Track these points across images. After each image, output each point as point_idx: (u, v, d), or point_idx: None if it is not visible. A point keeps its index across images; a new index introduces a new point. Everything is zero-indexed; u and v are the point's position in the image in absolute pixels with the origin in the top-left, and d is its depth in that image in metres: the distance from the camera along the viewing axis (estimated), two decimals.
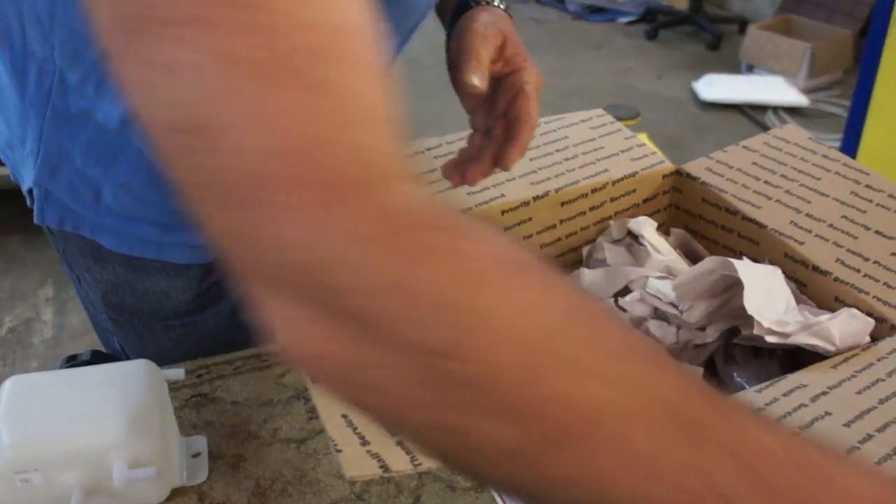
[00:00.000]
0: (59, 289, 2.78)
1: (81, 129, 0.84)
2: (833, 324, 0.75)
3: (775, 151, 1.01)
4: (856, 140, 2.34)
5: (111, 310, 0.99)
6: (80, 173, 0.87)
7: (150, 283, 0.96)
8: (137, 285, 0.96)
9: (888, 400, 0.63)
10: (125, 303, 0.98)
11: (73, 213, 0.90)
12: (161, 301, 0.97)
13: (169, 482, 0.80)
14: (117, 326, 1.02)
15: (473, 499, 0.82)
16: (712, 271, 0.82)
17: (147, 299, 0.97)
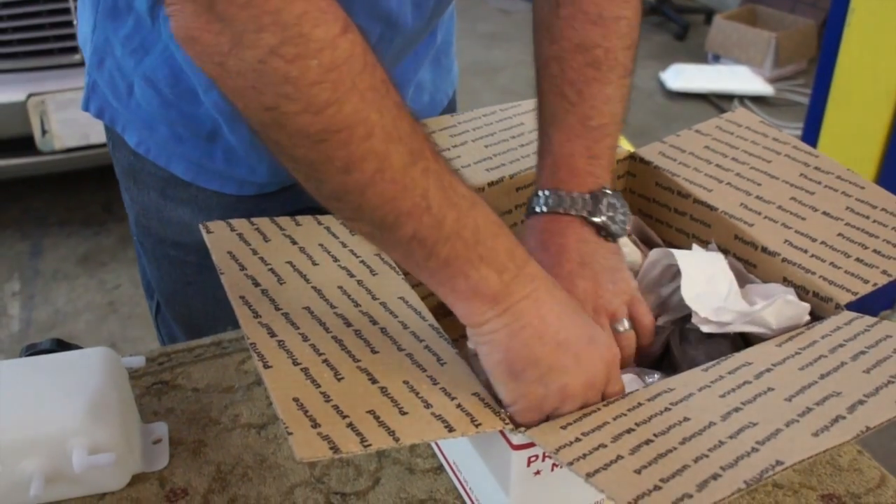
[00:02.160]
0: (26, 283, 2.77)
1: (123, 21, 0.92)
2: (768, 312, 0.76)
3: (727, 135, 1.02)
4: (817, 128, 2.37)
5: (141, 232, 1.09)
6: (118, 65, 0.95)
7: (177, 213, 1.03)
8: (165, 212, 1.04)
9: (829, 375, 0.65)
10: (152, 228, 1.07)
11: (111, 106, 1.00)
12: (182, 232, 1.04)
13: (129, 468, 0.81)
14: (143, 252, 1.12)
15: (432, 480, 0.83)
16: (656, 262, 0.83)
17: (171, 228, 1.05)
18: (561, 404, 0.64)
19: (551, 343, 0.64)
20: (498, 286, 0.63)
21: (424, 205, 0.60)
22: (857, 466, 0.85)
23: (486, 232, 0.63)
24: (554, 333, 0.64)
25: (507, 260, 0.64)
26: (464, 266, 0.63)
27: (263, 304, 0.71)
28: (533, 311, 0.64)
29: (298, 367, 0.64)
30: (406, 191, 0.60)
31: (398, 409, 0.61)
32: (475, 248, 0.62)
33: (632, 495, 0.52)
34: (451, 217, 0.61)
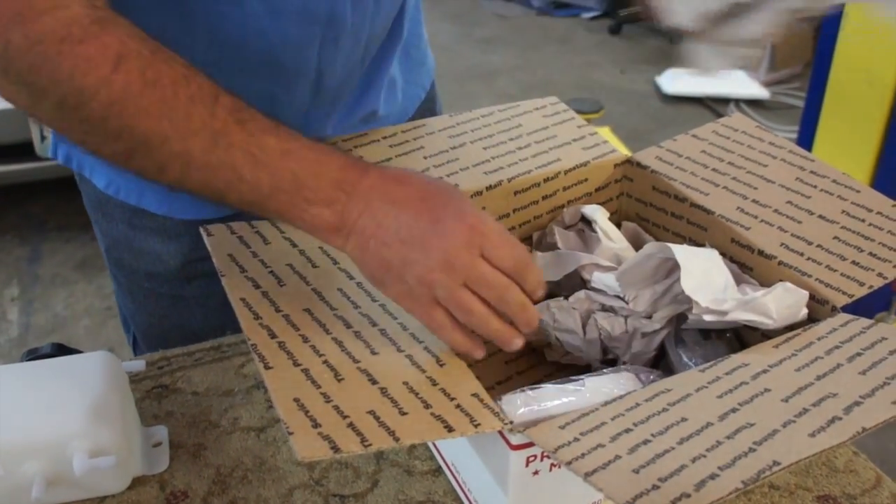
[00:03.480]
0: (25, 288, 2.77)
1: None
2: (769, 298, 0.77)
3: (723, 139, 1.02)
4: (811, 132, 2.38)
5: (113, 265, 1.11)
6: None
7: (147, 243, 1.04)
8: (135, 243, 1.05)
9: (825, 376, 0.65)
10: (124, 260, 1.08)
11: (77, 153, 1.03)
12: (154, 262, 1.05)
13: (130, 471, 0.82)
14: (118, 285, 1.13)
15: (431, 482, 0.83)
16: (651, 256, 0.84)
17: (142, 259, 1.05)
18: (433, 290, 0.68)
19: (395, 243, 0.69)
20: (332, 217, 0.70)
21: (236, 177, 0.68)
22: (852, 468, 0.85)
23: (305, 175, 0.69)
24: (394, 233, 0.69)
25: (334, 191, 0.69)
26: (296, 212, 0.70)
27: (264, 305, 0.72)
28: (371, 223, 0.69)
29: (299, 368, 0.64)
30: (216, 172, 0.68)
31: (398, 409, 0.61)
32: (299, 192, 0.69)
33: (630, 494, 0.53)
34: (265, 176, 0.68)
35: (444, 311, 0.69)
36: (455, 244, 0.68)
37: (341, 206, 0.69)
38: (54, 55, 0.65)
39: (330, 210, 0.69)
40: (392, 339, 0.70)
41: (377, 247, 0.69)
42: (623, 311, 0.86)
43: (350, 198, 0.69)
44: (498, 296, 0.69)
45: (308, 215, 0.69)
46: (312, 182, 0.69)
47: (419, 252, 0.68)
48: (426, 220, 0.69)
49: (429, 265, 0.68)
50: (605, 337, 0.86)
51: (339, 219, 0.69)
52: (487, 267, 0.69)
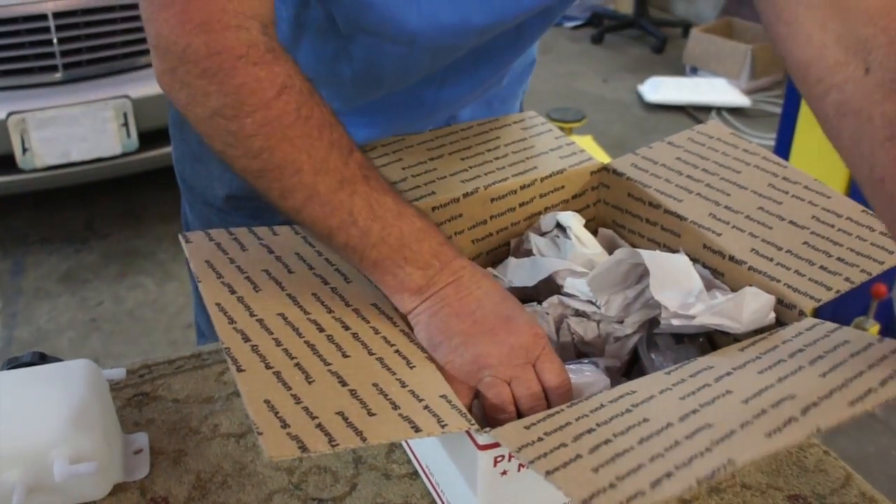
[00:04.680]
0: (8, 301, 2.77)
1: None
2: (736, 303, 0.79)
3: (698, 146, 1.04)
4: (789, 139, 2.40)
5: (178, 173, 1.22)
6: None
7: (206, 168, 1.14)
8: (197, 164, 1.16)
9: (786, 378, 0.67)
10: (185, 174, 1.20)
11: None
12: (206, 186, 1.16)
13: (110, 478, 0.83)
14: (182, 193, 1.24)
15: (408, 485, 0.85)
16: (622, 261, 0.85)
17: (199, 179, 1.17)
18: (481, 372, 0.72)
19: (468, 319, 0.74)
20: (422, 280, 0.75)
21: (351, 220, 0.73)
22: (822, 467, 0.87)
23: (410, 237, 0.75)
24: (470, 312, 0.75)
25: (431, 258, 0.75)
26: (391, 266, 0.75)
27: (239, 310, 0.73)
28: (453, 295, 0.75)
29: (271, 371, 0.66)
30: (334, 211, 0.73)
31: (366, 410, 0.62)
32: (400, 251, 0.74)
33: (587, 493, 0.54)
34: (377, 228, 0.74)
35: (470, 391, 0.73)
36: (519, 343, 0.73)
37: (433, 272, 0.75)
38: (229, 69, 0.71)
39: (422, 273, 0.75)
40: (364, 343, 0.71)
41: (448, 315, 0.74)
42: (595, 315, 0.87)
43: (443, 268, 0.76)
44: (530, 406, 0.72)
45: (402, 272, 0.75)
46: (415, 245, 0.75)
47: (487, 335, 0.73)
48: (503, 313, 0.75)
49: (492, 349, 0.72)
50: (578, 341, 0.87)
51: (426, 282, 0.75)
52: (535, 376, 0.73)
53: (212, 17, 0.71)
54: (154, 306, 2.76)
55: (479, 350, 0.72)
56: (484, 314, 0.75)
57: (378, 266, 0.75)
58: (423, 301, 0.75)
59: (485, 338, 0.73)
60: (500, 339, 0.73)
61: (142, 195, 3.30)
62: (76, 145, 2.71)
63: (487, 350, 0.72)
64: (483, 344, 0.73)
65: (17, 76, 2.68)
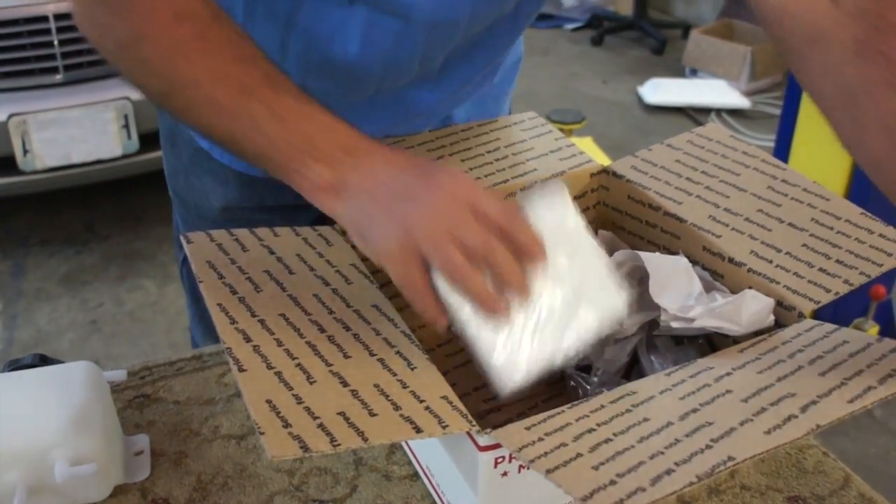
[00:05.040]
0: (8, 303, 2.77)
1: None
2: (735, 305, 0.79)
3: (698, 149, 1.04)
4: (788, 140, 2.40)
5: (171, 188, 1.21)
6: None
7: (200, 180, 1.14)
8: (191, 178, 1.15)
9: (785, 378, 0.67)
10: (178, 188, 1.19)
11: None
12: (201, 198, 1.15)
13: (111, 479, 0.83)
14: (174, 207, 1.24)
15: (408, 487, 0.85)
16: (622, 264, 0.85)
17: (193, 192, 1.16)
18: (413, 236, 0.68)
19: (386, 197, 0.71)
20: (332, 178, 0.74)
21: (253, 126, 0.74)
22: (821, 468, 0.87)
23: (317, 136, 0.74)
24: (388, 190, 0.72)
25: (341, 154, 0.74)
26: (300, 168, 0.74)
27: (240, 310, 0.73)
28: (369, 181, 0.73)
29: (272, 371, 0.66)
30: (236, 118, 0.75)
31: (368, 410, 0.63)
32: (307, 151, 0.74)
33: (587, 490, 0.55)
34: (280, 131, 0.74)
35: (420, 268, 0.69)
36: (445, 195, 0.69)
37: (345, 168, 0.73)
38: (129, 1, 0.76)
39: (332, 171, 0.74)
40: (365, 344, 0.71)
41: (367, 201, 0.72)
42: None
43: (355, 161, 0.74)
44: (484, 248, 0.67)
45: (312, 172, 0.74)
46: (322, 144, 0.74)
47: (410, 204, 0.69)
48: (420, 178, 0.72)
49: (416, 217, 0.68)
50: None
51: (338, 180, 0.73)
52: (474, 219, 0.68)
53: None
54: (154, 308, 2.76)
55: (407, 221, 0.69)
56: (402, 185, 0.72)
57: (288, 169, 0.75)
58: (339, 199, 0.74)
59: (409, 206, 0.69)
60: (424, 201, 0.69)
61: (142, 197, 3.30)
62: (77, 147, 2.72)
63: (414, 217, 0.68)
64: (409, 213, 0.69)
65: (18, 78, 2.68)
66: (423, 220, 0.68)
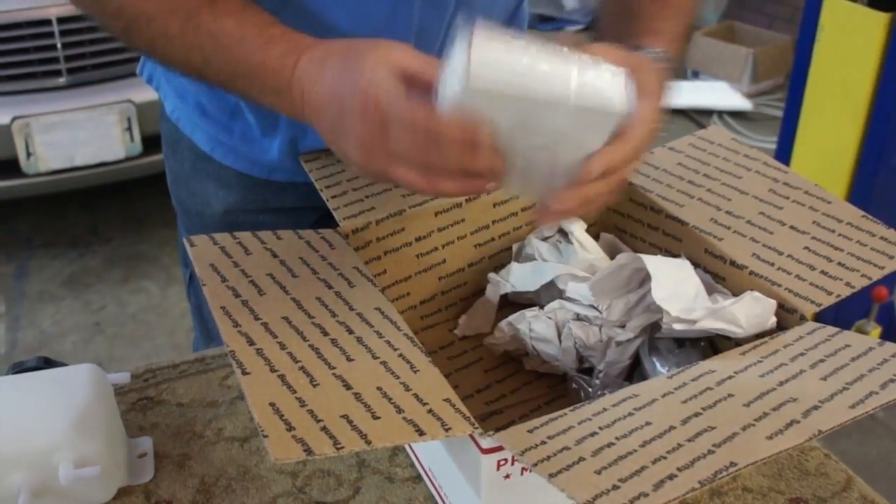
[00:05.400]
0: (11, 305, 2.78)
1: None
2: (737, 308, 0.79)
3: (700, 152, 1.04)
4: (790, 142, 2.41)
5: (173, 197, 1.21)
6: None
7: (202, 185, 1.14)
8: (192, 183, 1.15)
9: (787, 382, 0.67)
10: (180, 195, 1.19)
11: (157, 74, 1.14)
12: (203, 203, 1.15)
13: (115, 481, 0.83)
14: (178, 218, 1.24)
15: (411, 489, 0.85)
16: (623, 266, 0.86)
17: (195, 199, 1.16)
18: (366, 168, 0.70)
19: (328, 131, 0.72)
20: (283, 102, 0.75)
21: (204, 59, 0.77)
22: (823, 470, 0.87)
23: (254, 65, 0.75)
24: (327, 123, 0.72)
25: (277, 80, 0.74)
26: (258, 95, 0.77)
27: (243, 314, 0.73)
28: (313, 111, 0.73)
29: (275, 374, 0.66)
30: (190, 51, 0.78)
31: (371, 413, 0.63)
32: (252, 82, 0.76)
33: (590, 495, 0.55)
34: (224, 63, 0.77)
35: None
36: (368, 115, 0.67)
37: (287, 95, 0.75)
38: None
39: (279, 99, 0.76)
40: (368, 347, 0.72)
41: (321, 129, 0.73)
42: (597, 320, 0.88)
43: (290, 86, 0.74)
44: (426, 160, 0.66)
45: (268, 100, 0.77)
46: (260, 73, 0.75)
47: (342, 137, 0.70)
48: (349, 95, 0.68)
49: (351, 149, 0.69)
50: (580, 346, 0.88)
51: (289, 104, 0.75)
52: (404, 133, 0.66)
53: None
54: (157, 310, 2.77)
55: (352, 157, 0.70)
56: (337, 111, 0.70)
57: (250, 97, 0.78)
58: (304, 117, 0.75)
59: (346, 141, 0.69)
60: (353, 133, 0.68)
61: (145, 200, 3.31)
62: (80, 150, 2.72)
63: (355, 154, 0.69)
64: (349, 150, 0.70)
65: (22, 81, 2.69)
66: (362, 158, 0.69)
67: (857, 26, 2.18)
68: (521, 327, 0.90)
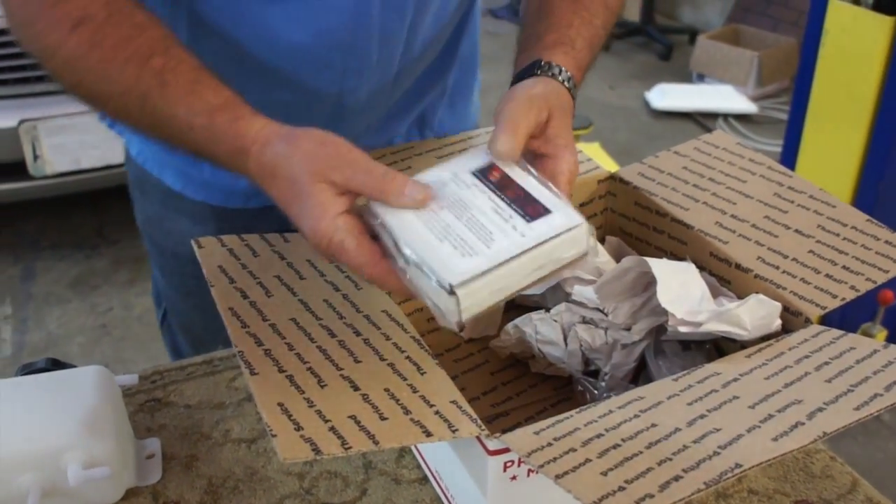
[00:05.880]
0: (18, 307, 2.78)
1: None
2: (742, 310, 0.80)
3: (704, 156, 1.04)
4: (795, 146, 2.41)
5: (147, 241, 1.19)
6: None
7: (176, 223, 1.11)
8: (165, 223, 1.13)
9: (792, 384, 0.68)
10: (155, 236, 1.16)
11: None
12: (179, 243, 1.09)
13: (123, 482, 0.84)
14: (152, 259, 1.21)
15: (417, 490, 0.85)
16: (629, 269, 0.86)
17: (170, 238, 1.13)
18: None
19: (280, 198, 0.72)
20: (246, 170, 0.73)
21: (167, 136, 0.76)
22: (829, 473, 0.87)
23: (205, 149, 0.75)
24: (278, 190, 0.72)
25: (234, 156, 0.73)
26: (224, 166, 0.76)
27: (251, 315, 0.74)
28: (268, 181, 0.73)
29: (284, 375, 0.67)
30: (152, 128, 0.77)
31: (378, 414, 0.63)
32: (211, 154, 0.75)
33: (596, 496, 0.55)
34: (181, 144, 0.76)
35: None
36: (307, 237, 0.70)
37: (248, 164, 0.73)
38: (32, 15, 0.77)
39: (235, 165, 0.75)
40: (375, 349, 0.72)
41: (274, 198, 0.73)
42: (603, 323, 0.88)
43: (247, 174, 0.74)
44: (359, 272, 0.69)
45: (229, 167, 0.75)
46: (215, 161, 0.75)
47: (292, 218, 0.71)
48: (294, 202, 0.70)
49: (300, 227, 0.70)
50: (586, 348, 0.88)
51: (248, 176, 0.74)
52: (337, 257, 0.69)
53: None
54: None
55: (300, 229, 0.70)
56: (284, 207, 0.72)
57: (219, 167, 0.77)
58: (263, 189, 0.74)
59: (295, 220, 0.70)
60: (300, 226, 0.70)
61: None
62: (87, 152, 2.73)
63: (303, 231, 0.70)
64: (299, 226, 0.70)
65: (29, 84, 2.69)
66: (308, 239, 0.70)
67: (862, 30, 2.18)
68: (528, 330, 0.90)
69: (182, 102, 0.74)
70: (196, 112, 0.73)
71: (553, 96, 0.79)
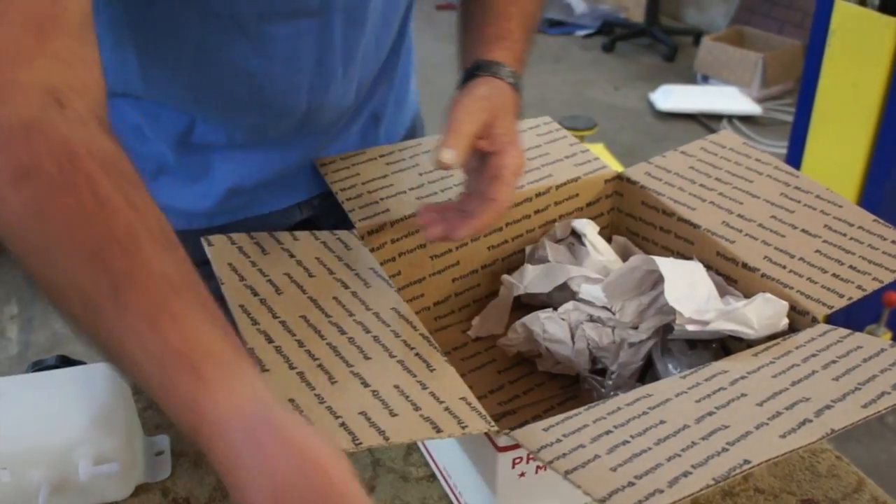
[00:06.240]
0: (24, 306, 2.79)
1: None
2: (749, 309, 0.80)
3: (711, 156, 1.05)
4: (801, 147, 2.41)
5: None
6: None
7: None
8: None
9: (800, 382, 0.68)
10: None
11: None
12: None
13: (133, 478, 0.84)
14: None
15: (425, 487, 0.86)
16: (636, 268, 0.86)
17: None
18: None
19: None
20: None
21: (115, 351, 0.58)
22: (835, 472, 0.88)
23: (157, 397, 0.56)
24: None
25: (186, 415, 0.54)
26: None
27: (262, 312, 0.74)
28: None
29: (294, 371, 0.67)
30: (94, 341, 0.59)
31: (388, 410, 0.64)
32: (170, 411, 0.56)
33: (606, 491, 0.56)
34: (136, 370, 0.56)
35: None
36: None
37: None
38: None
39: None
40: (385, 346, 0.73)
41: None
42: (610, 321, 0.89)
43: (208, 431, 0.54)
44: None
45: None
46: (175, 410, 0.55)
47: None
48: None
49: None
50: (593, 347, 0.88)
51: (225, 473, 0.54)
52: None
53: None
54: None
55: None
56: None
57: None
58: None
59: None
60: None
61: None
62: None
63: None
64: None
65: None
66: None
67: (868, 31, 2.18)
68: (535, 328, 0.90)
69: (133, 333, 0.56)
70: (149, 353, 0.55)
71: (496, 96, 0.83)
